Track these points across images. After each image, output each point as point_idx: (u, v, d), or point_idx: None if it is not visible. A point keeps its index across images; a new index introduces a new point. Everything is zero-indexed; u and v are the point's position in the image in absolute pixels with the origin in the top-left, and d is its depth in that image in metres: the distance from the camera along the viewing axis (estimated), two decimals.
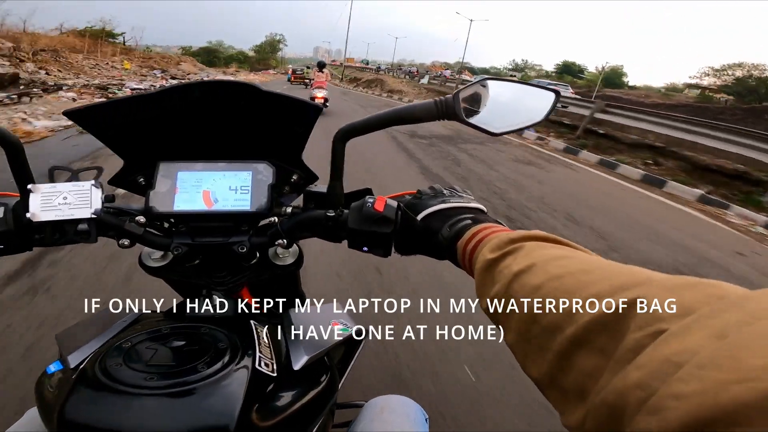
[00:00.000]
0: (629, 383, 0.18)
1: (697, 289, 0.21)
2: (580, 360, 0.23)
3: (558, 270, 0.28)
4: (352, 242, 0.50)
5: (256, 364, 0.42)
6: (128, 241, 0.50)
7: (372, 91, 21.98)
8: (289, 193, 0.58)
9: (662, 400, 0.16)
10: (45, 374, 0.45)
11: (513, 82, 0.51)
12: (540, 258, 0.30)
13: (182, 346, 0.42)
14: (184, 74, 20.48)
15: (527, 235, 0.34)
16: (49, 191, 0.45)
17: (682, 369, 0.16)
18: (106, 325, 0.49)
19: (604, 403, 0.19)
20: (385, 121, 0.49)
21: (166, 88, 0.49)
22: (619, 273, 0.25)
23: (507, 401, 1.46)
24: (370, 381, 1.47)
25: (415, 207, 0.49)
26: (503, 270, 0.32)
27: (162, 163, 0.52)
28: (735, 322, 0.17)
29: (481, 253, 0.36)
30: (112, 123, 0.50)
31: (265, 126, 0.55)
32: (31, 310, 1.71)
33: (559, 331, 0.24)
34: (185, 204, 0.51)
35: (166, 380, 0.37)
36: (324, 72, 9.29)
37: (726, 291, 0.20)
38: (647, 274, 0.25)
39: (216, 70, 35.29)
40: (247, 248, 0.52)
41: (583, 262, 0.29)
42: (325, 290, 2.05)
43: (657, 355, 0.18)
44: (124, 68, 17.46)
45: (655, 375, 0.17)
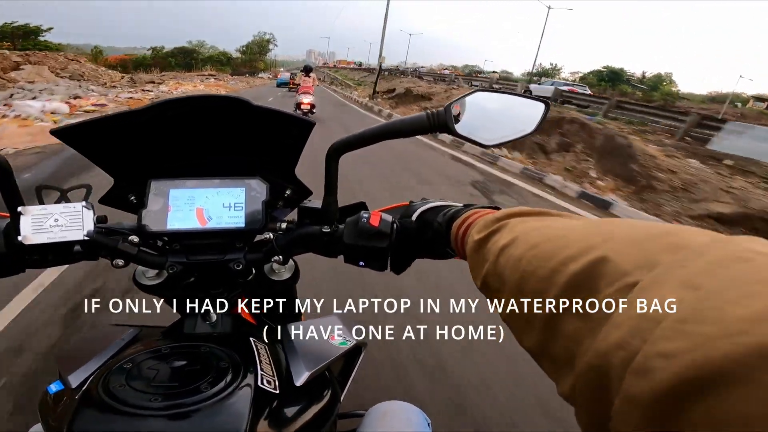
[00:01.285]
0: (610, 343, 0.18)
1: (658, 239, 0.21)
2: (563, 325, 0.23)
3: (537, 239, 0.28)
4: (348, 257, 0.51)
5: (259, 382, 0.42)
6: (123, 261, 0.50)
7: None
8: (283, 207, 0.58)
9: (648, 360, 0.16)
10: (47, 393, 0.45)
11: (504, 93, 0.52)
12: (521, 231, 0.31)
13: (184, 366, 0.42)
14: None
15: (511, 212, 0.35)
16: (39, 213, 0.45)
17: (662, 324, 0.16)
18: (105, 344, 0.49)
19: (588, 366, 0.19)
20: (378, 135, 0.49)
21: (155, 104, 0.48)
22: (588, 233, 0.25)
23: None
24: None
25: (409, 211, 0.51)
26: (491, 247, 0.32)
27: (153, 181, 0.52)
28: (702, 270, 0.17)
29: (470, 235, 0.37)
30: (100, 141, 0.49)
31: (257, 141, 0.55)
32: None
33: (542, 298, 0.25)
34: (179, 222, 0.51)
35: (170, 401, 0.38)
36: (311, 76, 9.16)
37: (685, 239, 0.20)
38: (612, 229, 0.25)
39: (148, 75, 27.09)
40: (242, 265, 0.52)
41: (559, 228, 0.29)
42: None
43: (632, 312, 0.18)
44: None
45: (634, 332, 0.17)
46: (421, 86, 15.51)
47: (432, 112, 0.48)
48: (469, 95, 0.50)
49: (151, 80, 22.22)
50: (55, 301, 1.91)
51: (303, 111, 8.42)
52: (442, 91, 13.44)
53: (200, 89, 16.88)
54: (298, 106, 8.51)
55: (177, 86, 17.75)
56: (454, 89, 14.64)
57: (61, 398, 0.43)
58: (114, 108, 8.41)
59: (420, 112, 0.49)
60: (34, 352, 1.57)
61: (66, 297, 1.95)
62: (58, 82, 14.20)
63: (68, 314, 1.82)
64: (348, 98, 17.87)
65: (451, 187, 4.64)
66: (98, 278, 2.09)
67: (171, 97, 0.48)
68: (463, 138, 0.49)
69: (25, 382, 1.43)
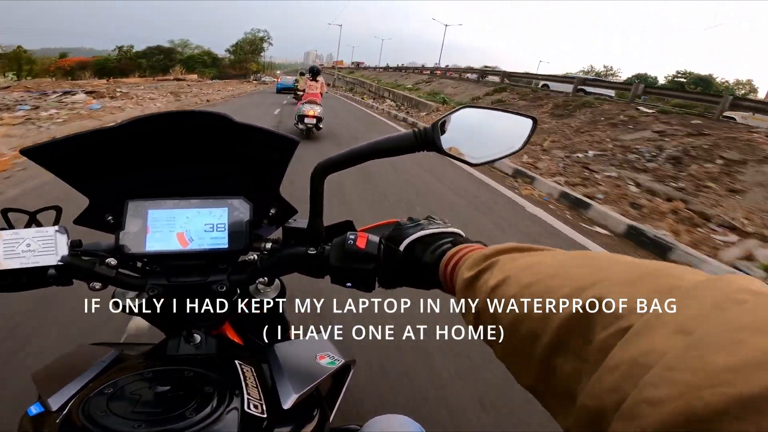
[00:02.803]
0: (604, 387, 0.18)
1: (650, 280, 0.21)
2: (560, 365, 0.23)
3: (529, 278, 0.28)
4: (335, 278, 0.50)
5: (245, 406, 0.41)
6: (100, 284, 0.49)
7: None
8: (267, 225, 0.57)
9: (636, 406, 0.16)
10: (26, 416, 0.44)
11: (491, 109, 0.51)
12: (513, 269, 0.31)
13: (167, 390, 0.41)
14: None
15: (501, 249, 0.35)
16: (10, 238, 0.44)
17: (652, 371, 0.16)
18: (85, 365, 0.48)
19: (584, 407, 0.20)
20: (365, 154, 0.49)
21: (129, 120, 0.46)
22: (581, 273, 0.26)
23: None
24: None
25: (396, 239, 0.49)
26: (481, 286, 0.32)
27: (131, 201, 0.50)
28: (696, 315, 0.18)
29: (459, 272, 0.37)
30: (73, 160, 0.48)
31: (239, 159, 0.53)
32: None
33: (537, 339, 0.25)
34: (158, 244, 0.50)
35: (154, 428, 0.37)
36: (318, 81, 7.15)
37: (678, 279, 0.21)
38: (604, 267, 0.25)
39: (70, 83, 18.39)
40: (226, 287, 0.51)
41: (551, 266, 0.29)
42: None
43: (625, 357, 0.18)
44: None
45: (626, 377, 0.17)
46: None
47: (419, 130, 0.47)
48: (455, 112, 0.49)
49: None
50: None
51: (308, 125, 6.49)
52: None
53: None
54: (301, 119, 6.54)
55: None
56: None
57: (41, 421, 0.42)
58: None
59: (407, 130, 0.48)
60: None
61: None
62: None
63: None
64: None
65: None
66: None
67: (147, 114, 0.47)
68: (451, 156, 0.48)
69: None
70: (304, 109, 6.55)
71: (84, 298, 2.03)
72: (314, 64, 8.92)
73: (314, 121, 6.48)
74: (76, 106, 8.28)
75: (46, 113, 7.15)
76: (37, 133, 5.53)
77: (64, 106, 8.35)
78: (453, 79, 18.54)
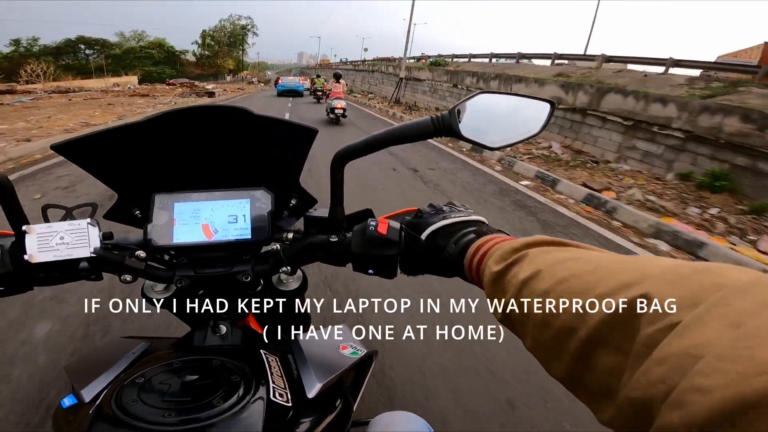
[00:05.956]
0: (652, 378, 0.19)
1: (700, 278, 0.22)
2: (599, 359, 0.23)
3: (564, 273, 0.28)
4: (357, 266, 0.50)
5: (271, 395, 0.42)
6: (130, 276, 0.49)
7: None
8: (288, 217, 0.58)
9: (685, 394, 0.17)
10: (60, 408, 0.45)
11: (508, 94, 0.51)
12: (545, 263, 0.31)
13: (196, 380, 0.42)
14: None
15: (530, 242, 0.35)
16: (44, 231, 0.45)
17: (702, 361, 0.17)
18: (116, 357, 0.49)
19: (630, 400, 0.20)
20: (384, 141, 0.48)
21: (154, 116, 0.47)
22: (622, 269, 0.26)
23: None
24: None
25: (418, 226, 0.49)
26: (511, 280, 0.32)
27: (157, 195, 0.51)
28: (746, 310, 0.18)
29: (487, 266, 0.36)
30: (101, 155, 0.49)
31: (260, 151, 0.54)
32: None
33: (573, 334, 0.25)
34: (184, 236, 0.50)
35: (183, 416, 0.38)
36: (341, 82, 9.95)
37: (725, 278, 0.21)
38: (650, 268, 0.25)
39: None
40: (251, 277, 0.52)
41: (587, 262, 0.29)
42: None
43: (675, 349, 0.19)
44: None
45: (675, 369, 0.18)
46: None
47: (437, 116, 0.47)
48: (473, 97, 0.49)
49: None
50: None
51: (337, 114, 9.11)
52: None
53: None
54: (332, 110, 9.06)
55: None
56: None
57: (74, 412, 0.43)
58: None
59: (425, 117, 0.48)
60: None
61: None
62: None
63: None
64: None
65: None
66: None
67: (171, 109, 0.48)
68: (469, 141, 0.48)
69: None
70: (333, 104, 9.14)
71: (84, 298, 1.98)
72: (337, 71, 11.66)
73: (342, 111, 9.08)
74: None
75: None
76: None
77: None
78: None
